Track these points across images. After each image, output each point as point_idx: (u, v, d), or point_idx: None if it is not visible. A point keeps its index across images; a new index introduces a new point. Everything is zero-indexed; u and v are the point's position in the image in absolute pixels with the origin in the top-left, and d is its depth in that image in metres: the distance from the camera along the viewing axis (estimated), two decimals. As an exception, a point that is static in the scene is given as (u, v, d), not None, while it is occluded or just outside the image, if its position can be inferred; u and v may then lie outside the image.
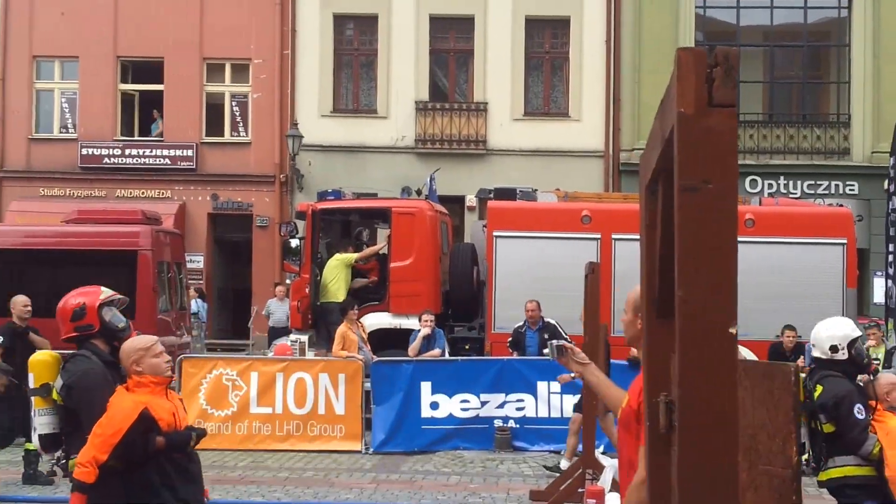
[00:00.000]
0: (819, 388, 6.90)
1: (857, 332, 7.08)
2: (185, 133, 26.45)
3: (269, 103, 26.47)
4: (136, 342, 5.72)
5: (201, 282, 24.88)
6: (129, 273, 16.95)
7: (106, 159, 26.37)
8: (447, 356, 14.97)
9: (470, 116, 26.27)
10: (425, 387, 13.81)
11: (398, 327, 16.54)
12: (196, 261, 24.56)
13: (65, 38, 26.38)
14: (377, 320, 16.61)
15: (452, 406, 13.64)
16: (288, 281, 23.71)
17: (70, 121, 26.91)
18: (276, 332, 21.11)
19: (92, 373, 5.90)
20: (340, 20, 26.80)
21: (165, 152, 26.39)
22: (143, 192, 26.13)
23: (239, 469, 12.54)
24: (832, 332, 7.00)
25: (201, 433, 5.83)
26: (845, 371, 6.94)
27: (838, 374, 6.89)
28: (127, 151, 26.43)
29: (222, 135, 26.83)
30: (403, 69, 26.24)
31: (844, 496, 6.94)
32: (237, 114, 26.87)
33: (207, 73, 26.79)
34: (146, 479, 5.52)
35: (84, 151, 26.32)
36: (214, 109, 26.84)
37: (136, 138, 26.89)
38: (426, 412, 13.80)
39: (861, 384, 7.18)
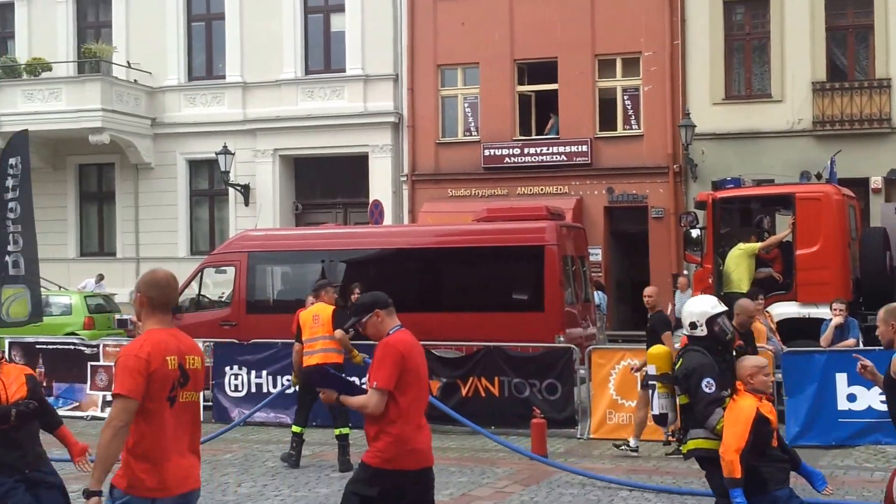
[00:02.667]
0: (680, 362, 7.27)
1: (718, 310, 7.28)
2: (580, 129, 27.13)
3: (660, 95, 26.59)
4: None
5: (600, 274, 25.42)
6: (536, 267, 17.64)
7: (507, 159, 27.54)
8: (861, 346, 14.41)
9: (872, 94, 25.06)
10: (840, 378, 13.30)
11: (807, 316, 16.16)
12: (594, 253, 25.10)
13: (466, 46, 27.84)
14: (784, 310, 16.24)
15: (872, 398, 13.01)
16: (686, 272, 23.77)
17: (472, 124, 28.33)
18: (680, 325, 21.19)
19: None
20: (730, 5, 26.43)
21: (561, 149, 27.20)
22: (541, 189, 27.07)
23: (653, 460, 12.83)
24: (692, 309, 7.36)
25: (23, 410, 6.63)
26: (708, 347, 7.18)
27: (698, 349, 7.19)
28: (525, 150, 27.47)
29: (615, 129, 27.26)
30: (798, 50, 25.47)
31: (703, 468, 7.27)
32: (629, 107, 27.19)
33: (599, 69, 27.33)
34: None
35: (486, 152, 27.67)
36: (607, 104, 27.32)
37: (533, 137, 27.86)
38: (843, 404, 13.23)
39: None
